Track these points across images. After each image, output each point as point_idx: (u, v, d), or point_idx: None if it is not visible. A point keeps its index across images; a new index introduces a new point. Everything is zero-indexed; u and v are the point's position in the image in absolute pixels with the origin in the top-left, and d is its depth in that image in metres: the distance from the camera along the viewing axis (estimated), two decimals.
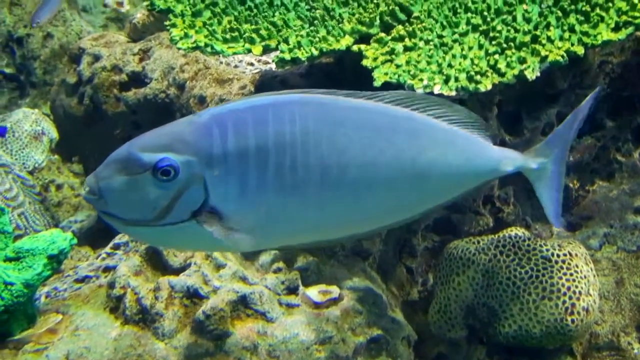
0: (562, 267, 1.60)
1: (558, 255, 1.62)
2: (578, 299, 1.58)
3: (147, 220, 1.09)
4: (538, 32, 1.46)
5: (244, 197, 1.09)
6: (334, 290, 1.54)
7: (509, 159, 1.28)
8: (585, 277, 1.61)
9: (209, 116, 1.09)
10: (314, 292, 1.53)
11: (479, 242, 1.68)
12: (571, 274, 1.60)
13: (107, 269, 1.71)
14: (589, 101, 1.35)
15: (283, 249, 1.58)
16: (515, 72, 1.41)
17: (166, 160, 1.05)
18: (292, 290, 1.52)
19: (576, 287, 1.59)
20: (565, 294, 1.58)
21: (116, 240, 1.85)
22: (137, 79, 2.29)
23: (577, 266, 1.61)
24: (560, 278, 1.59)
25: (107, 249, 1.85)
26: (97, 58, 2.44)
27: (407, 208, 1.25)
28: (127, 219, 1.11)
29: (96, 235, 2.31)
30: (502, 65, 1.42)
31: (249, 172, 1.08)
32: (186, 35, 1.60)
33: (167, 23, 1.66)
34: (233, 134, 1.07)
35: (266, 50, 1.58)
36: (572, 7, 1.50)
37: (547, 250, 1.62)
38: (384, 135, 1.15)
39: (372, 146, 1.14)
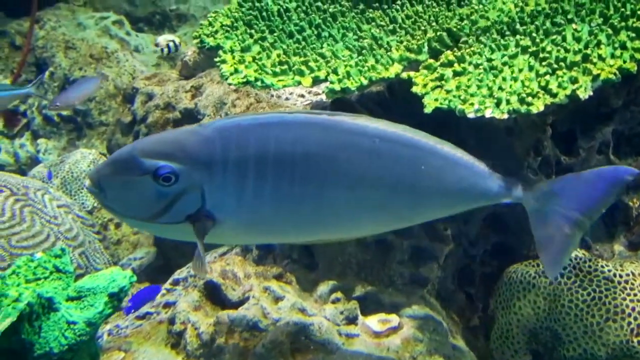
0: (625, 288, 1.57)
1: (620, 276, 1.59)
2: None
3: (143, 218, 1.13)
4: (589, 51, 1.45)
5: (240, 208, 1.13)
6: (394, 319, 1.53)
7: (508, 191, 1.27)
8: None
9: (212, 129, 1.12)
10: (373, 321, 1.52)
11: (538, 265, 1.66)
12: (635, 294, 1.57)
13: (167, 305, 1.73)
14: (616, 187, 1.30)
15: None
16: (567, 92, 1.39)
17: (166, 168, 1.09)
18: (352, 320, 1.51)
19: None
20: (630, 314, 1.55)
21: (175, 276, 1.87)
22: (190, 116, 2.32)
23: None
24: (624, 299, 1.56)
25: (167, 285, 1.86)
26: (150, 97, 2.48)
27: (404, 221, 1.30)
28: (124, 214, 1.16)
29: (155, 272, 2.34)
30: (553, 86, 1.40)
31: (246, 186, 1.12)
32: (236, 71, 1.62)
33: (217, 59, 1.68)
34: (234, 150, 1.11)
35: (316, 81, 1.59)
36: (623, 24, 1.48)
37: (609, 270, 1.59)
38: (384, 162, 1.18)
39: (371, 171, 1.18)
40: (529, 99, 1.40)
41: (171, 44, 3.01)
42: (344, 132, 1.16)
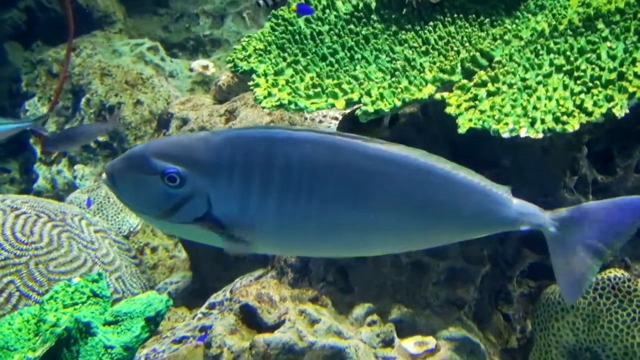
0: None
1: None
2: None
3: (153, 215, 1.16)
4: (624, 69, 1.43)
5: (245, 217, 1.14)
6: (430, 341, 1.52)
7: (527, 216, 1.25)
8: None
9: (223, 137, 1.14)
10: (410, 344, 1.51)
11: None
12: None
13: (204, 329, 1.73)
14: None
15: None
16: (603, 110, 1.38)
17: (173, 170, 1.12)
18: (388, 342, 1.50)
19: None
20: None
21: (211, 299, 1.87)
22: None
23: None
24: None
25: (203, 309, 1.87)
26: (185, 121, 2.50)
27: (418, 244, 1.30)
28: (135, 209, 1.19)
29: (192, 296, 2.34)
30: (588, 105, 1.39)
31: (250, 198, 1.13)
32: (270, 94, 1.63)
33: (250, 83, 1.69)
34: (242, 161, 1.12)
35: (349, 103, 1.59)
36: None
37: None
38: (396, 185, 1.18)
39: (381, 195, 1.17)
40: (564, 118, 1.39)
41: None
42: (353, 154, 1.16)
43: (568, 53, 1.53)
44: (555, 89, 1.46)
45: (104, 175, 1.16)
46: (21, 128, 2.92)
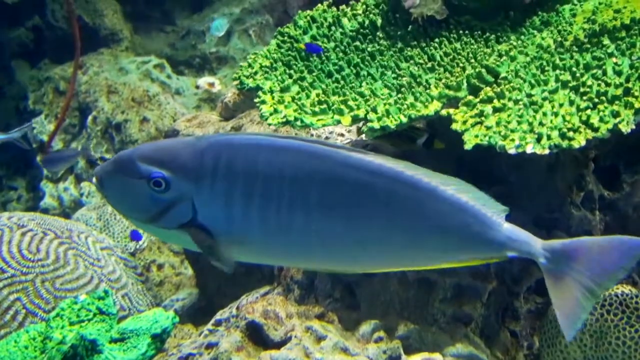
0: None
1: None
2: None
3: (140, 219, 1.17)
4: (630, 85, 1.43)
5: (229, 226, 1.14)
6: (437, 358, 1.51)
7: (516, 243, 1.21)
8: None
9: (207, 144, 1.14)
10: None
11: None
12: None
13: (210, 346, 1.72)
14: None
15: None
16: (609, 126, 1.37)
17: (159, 175, 1.12)
18: (395, 359, 1.50)
19: None
20: None
21: (217, 316, 1.87)
22: None
23: None
24: None
25: (209, 326, 1.86)
26: None
27: (405, 262, 1.25)
28: (123, 213, 1.20)
29: (198, 313, 2.34)
30: (594, 120, 1.39)
31: (233, 204, 1.13)
32: (276, 111, 1.63)
33: (256, 100, 1.69)
34: (224, 167, 1.13)
35: (355, 120, 1.59)
36: None
37: None
38: (379, 198, 1.16)
39: (364, 207, 1.16)
40: (570, 133, 1.38)
41: None
42: (337, 164, 1.14)
43: (574, 69, 1.53)
44: (561, 105, 1.46)
45: (94, 179, 1.17)
46: (4, 140, 2.95)
